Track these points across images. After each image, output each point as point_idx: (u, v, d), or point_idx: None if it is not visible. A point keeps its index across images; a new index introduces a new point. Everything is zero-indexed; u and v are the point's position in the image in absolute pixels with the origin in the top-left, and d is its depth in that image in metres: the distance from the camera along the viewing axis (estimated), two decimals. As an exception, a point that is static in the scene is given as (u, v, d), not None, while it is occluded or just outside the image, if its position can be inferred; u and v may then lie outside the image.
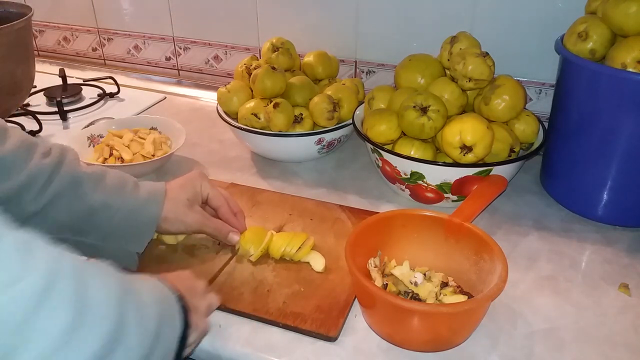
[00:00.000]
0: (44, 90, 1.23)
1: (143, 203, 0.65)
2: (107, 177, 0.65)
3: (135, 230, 0.64)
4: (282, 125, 0.87)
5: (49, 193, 0.60)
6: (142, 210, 0.64)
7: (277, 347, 0.59)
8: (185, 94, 1.26)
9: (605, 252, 0.74)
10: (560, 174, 0.82)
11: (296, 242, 0.70)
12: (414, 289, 0.61)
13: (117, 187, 0.64)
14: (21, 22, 0.94)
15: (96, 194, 0.62)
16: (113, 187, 0.64)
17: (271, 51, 0.97)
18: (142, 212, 0.64)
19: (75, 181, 0.62)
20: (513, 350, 0.59)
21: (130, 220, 0.64)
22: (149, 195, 0.66)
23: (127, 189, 0.65)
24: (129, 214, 0.63)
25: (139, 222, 0.64)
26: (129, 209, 0.64)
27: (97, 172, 0.64)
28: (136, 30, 1.33)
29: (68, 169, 0.62)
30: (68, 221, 0.61)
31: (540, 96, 0.99)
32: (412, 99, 0.78)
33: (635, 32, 0.70)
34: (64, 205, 0.61)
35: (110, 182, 0.64)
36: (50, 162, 0.61)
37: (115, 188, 0.64)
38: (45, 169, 0.60)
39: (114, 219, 0.63)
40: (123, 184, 0.65)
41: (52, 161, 0.61)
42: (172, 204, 0.66)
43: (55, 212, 0.60)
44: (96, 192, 0.62)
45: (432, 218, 0.66)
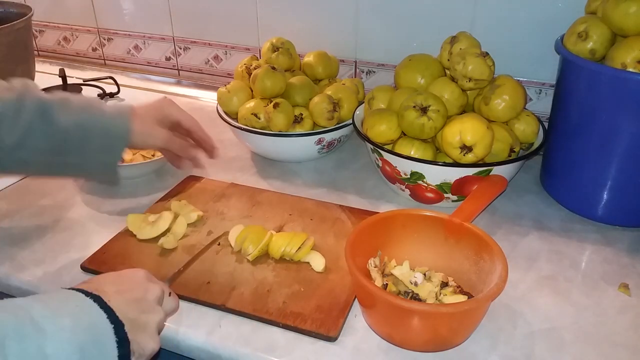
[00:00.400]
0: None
1: (112, 118, 0.68)
2: (72, 99, 0.68)
3: (108, 143, 0.67)
4: (282, 125, 0.87)
5: (22, 124, 0.62)
6: (112, 125, 0.67)
7: (277, 347, 0.59)
8: (185, 94, 1.26)
9: (605, 252, 0.74)
10: (560, 174, 0.82)
11: (296, 242, 0.70)
12: (414, 289, 0.61)
13: (84, 107, 0.67)
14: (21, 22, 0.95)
15: (65, 116, 0.65)
16: (80, 108, 0.67)
17: (271, 51, 0.97)
18: (113, 126, 0.67)
19: (43, 108, 0.64)
20: (513, 350, 0.59)
21: (103, 135, 0.67)
22: (117, 111, 0.69)
23: (94, 107, 0.68)
24: (101, 130, 0.66)
25: (111, 135, 0.67)
26: (100, 125, 0.67)
27: (63, 97, 0.67)
28: (136, 30, 1.33)
29: (33, 99, 0.64)
30: (46, 146, 0.64)
31: (540, 96, 0.99)
32: (412, 99, 0.78)
33: (635, 32, 0.70)
34: (38, 132, 0.63)
35: (76, 104, 0.67)
36: (14, 96, 0.63)
37: (83, 108, 0.67)
38: (12, 103, 0.63)
39: (88, 136, 0.66)
40: (89, 104, 0.68)
41: (15, 94, 0.64)
42: (140, 119, 0.70)
43: (32, 140, 0.63)
44: (65, 115, 0.65)
45: (432, 218, 0.66)
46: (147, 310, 0.51)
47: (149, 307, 0.52)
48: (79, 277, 0.69)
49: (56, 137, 0.64)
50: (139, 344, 0.48)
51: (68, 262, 0.71)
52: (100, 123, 0.67)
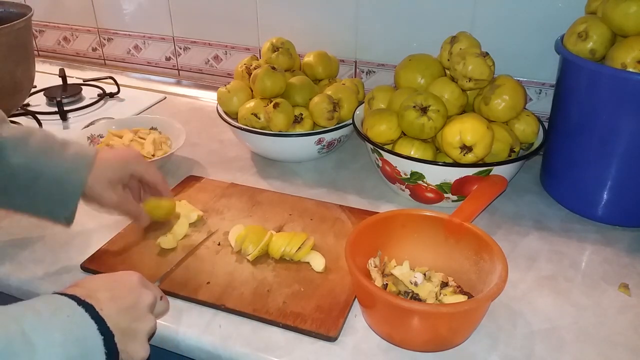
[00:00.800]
0: (44, 90, 1.24)
1: (67, 172, 0.64)
2: (30, 138, 0.64)
3: (60, 196, 0.64)
4: (282, 125, 0.87)
5: None
6: (65, 179, 0.63)
7: (277, 347, 0.59)
8: (185, 94, 1.26)
9: (605, 252, 0.74)
10: (560, 174, 0.82)
11: (296, 242, 0.70)
12: (414, 289, 0.61)
13: (42, 150, 0.63)
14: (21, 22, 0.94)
15: (17, 157, 0.62)
16: (37, 150, 0.63)
17: (271, 51, 0.97)
18: (66, 180, 0.63)
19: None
20: (513, 350, 0.59)
21: (54, 187, 0.63)
22: (74, 163, 0.64)
23: (53, 152, 0.64)
24: (53, 180, 0.63)
25: (63, 190, 0.64)
26: (53, 175, 0.63)
27: (22, 133, 0.64)
28: (136, 30, 1.33)
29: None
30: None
31: (540, 96, 0.99)
32: (412, 99, 0.78)
33: (635, 32, 0.70)
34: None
35: (34, 144, 0.63)
36: None
37: (40, 150, 0.63)
38: None
39: (37, 183, 0.63)
40: (49, 147, 0.64)
41: None
42: (95, 179, 0.65)
43: None
44: (17, 155, 0.62)
45: (432, 218, 0.66)
46: (138, 318, 0.51)
47: (141, 315, 0.51)
48: (79, 277, 0.69)
49: (2, 175, 0.61)
50: (128, 353, 0.48)
51: (68, 262, 0.71)
52: (53, 171, 0.63)
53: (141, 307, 0.52)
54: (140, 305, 0.52)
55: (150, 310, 0.53)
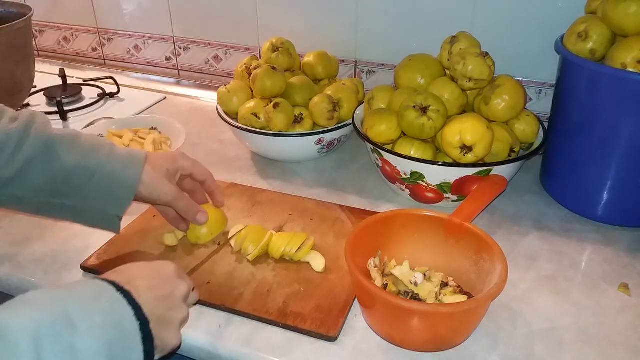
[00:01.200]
0: (44, 90, 1.23)
1: (122, 165, 0.64)
2: (81, 138, 0.64)
3: (114, 192, 0.63)
4: (282, 125, 0.87)
5: (21, 158, 0.59)
6: (120, 173, 0.63)
7: (277, 347, 0.59)
8: (185, 94, 1.26)
9: (605, 252, 0.74)
10: (560, 174, 0.82)
11: (296, 242, 0.70)
12: (414, 289, 0.61)
13: (93, 149, 0.63)
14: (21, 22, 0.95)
15: (70, 156, 0.62)
16: (88, 149, 0.63)
17: (271, 51, 0.97)
18: (121, 174, 0.63)
19: (47, 144, 0.61)
20: (513, 350, 0.59)
21: (109, 183, 0.63)
22: (128, 157, 0.65)
23: (102, 150, 0.64)
24: (107, 176, 0.63)
25: (118, 185, 0.63)
26: (107, 171, 0.63)
27: (71, 134, 0.64)
28: (136, 30, 1.33)
29: (38, 133, 0.61)
30: (45, 184, 0.61)
31: (540, 96, 0.99)
32: (412, 99, 0.78)
33: (635, 32, 0.70)
34: (39, 169, 0.60)
35: (85, 144, 0.63)
36: (19, 127, 0.60)
37: (91, 149, 0.63)
38: (14, 134, 0.60)
39: (92, 181, 0.62)
40: (99, 146, 0.64)
41: (20, 125, 0.60)
42: (152, 169, 0.65)
43: (30, 177, 0.60)
44: (70, 154, 0.62)
45: (432, 218, 0.66)
46: (173, 307, 0.52)
47: (176, 304, 0.53)
48: (79, 277, 0.69)
49: (57, 176, 0.61)
50: (163, 340, 0.49)
51: (68, 262, 0.71)
52: (108, 168, 0.63)
53: (176, 296, 0.53)
54: (176, 295, 0.53)
55: (184, 301, 0.55)
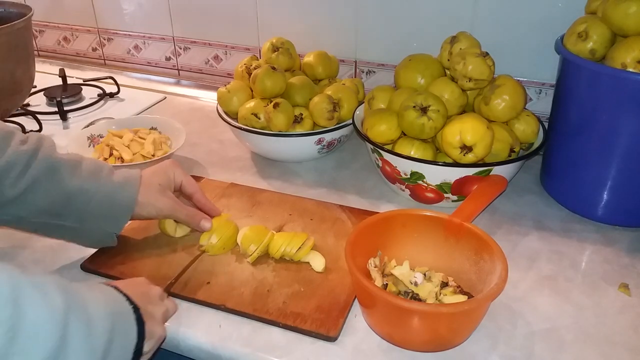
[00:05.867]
0: (44, 90, 1.23)
1: (119, 187, 0.67)
2: (83, 163, 0.67)
3: (112, 213, 0.67)
4: (282, 125, 0.87)
5: (27, 179, 0.61)
6: (118, 194, 0.66)
7: (277, 347, 0.59)
8: (185, 94, 1.26)
9: (605, 252, 0.74)
10: (560, 174, 0.82)
11: (296, 242, 0.70)
12: (414, 289, 0.61)
13: (93, 173, 0.66)
14: (21, 22, 0.94)
15: (73, 180, 0.64)
16: (89, 173, 0.66)
17: (271, 51, 0.97)
18: (118, 195, 0.66)
19: (53, 167, 0.63)
20: (513, 350, 0.59)
21: (107, 204, 0.66)
22: (124, 180, 0.68)
23: (102, 174, 0.67)
24: (105, 198, 0.66)
25: (115, 205, 0.66)
26: (105, 193, 0.66)
27: (74, 159, 0.66)
28: (136, 30, 1.33)
29: (45, 156, 0.63)
30: (46, 206, 0.63)
31: (540, 96, 0.99)
32: (412, 99, 0.78)
33: (635, 32, 0.70)
34: (42, 190, 0.62)
35: (86, 168, 0.66)
36: (28, 149, 0.62)
37: (92, 173, 0.66)
38: (23, 156, 0.62)
39: (91, 203, 0.65)
40: (99, 170, 0.67)
41: (29, 148, 0.63)
42: (145, 188, 0.68)
43: (33, 197, 0.62)
44: (73, 178, 0.64)
45: (432, 218, 0.66)
46: (152, 302, 0.56)
47: (154, 299, 0.57)
48: (79, 277, 0.69)
49: (59, 198, 0.63)
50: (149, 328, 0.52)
51: (68, 262, 0.71)
52: (105, 190, 0.66)
53: (152, 294, 0.58)
54: (152, 293, 0.58)
55: (161, 299, 0.59)
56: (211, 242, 0.71)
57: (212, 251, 0.71)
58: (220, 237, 0.71)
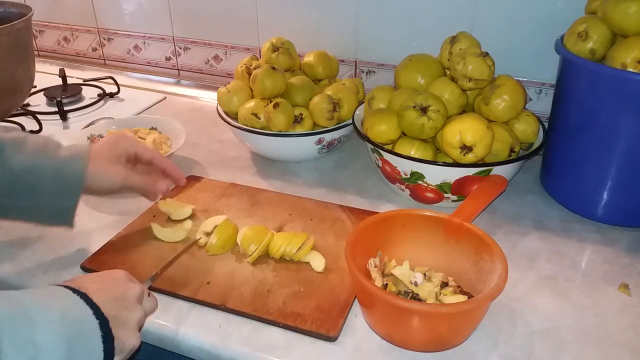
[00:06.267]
0: (44, 90, 1.24)
1: (67, 161, 0.66)
2: (27, 141, 0.65)
3: (63, 188, 0.65)
4: (282, 125, 0.87)
5: None
6: (66, 168, 0.65)
7: (277, 347, 0.59)
8: (185, 94, 1.26)
9: (605, 252, 0.74)
10: (560, 174, 0.82)
11: (296, 242, 0.70)
12: (414, 289, 0.61)
13: (39, 149, 0.65)
14: (21, 22, 0.94)
15: (17, 157, 0.63)
16: (34, 150, 0.65)
17: (271, 51, 0.97)
18: (67, 169, 0.65)
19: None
20: (513, 350, 0.59)
21: (56, 179, 0.65)
22: (72, 153, 0.67)
23: (49, 149, 0.66)
24: (54, 173, 0.64)
25: (65, 179, 0.65)
26: (54, 168, 0.64)
27: (18, 137, 0.65)
28: (136, 30, 1.33)
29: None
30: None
31: (540, 96, 0.99)
32: (412, 99, 0.78)
33: (635, 32, 0.70)
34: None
35: (31, 146, 0.65)
36: None
37: (37, 150, 0.65)
38: None
39: (40, 180, 0.64)
40: (45, 146, 0.66)
41: None
42: (95, 162, 0.67)
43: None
44: (17, 156, 0.63)
45: (432, 218, 0.66)
46: (127, 307, 0.52)
47: (130, 304, 0.53)
48: (79, 277, 0.69)
49: (7, 178, 0.62)
50: (120, 339, 0.49)
51: (68, 262, 0.71)
52: (53, 166, 0.64)
53: (129, 297, 0.54)
54: (129, 296, 0.54)
55: (139, 302, 0.55)
56: (211, 242, 0.71)
57: (212, 251, 0.71)
58: (220, 237, 0.71)
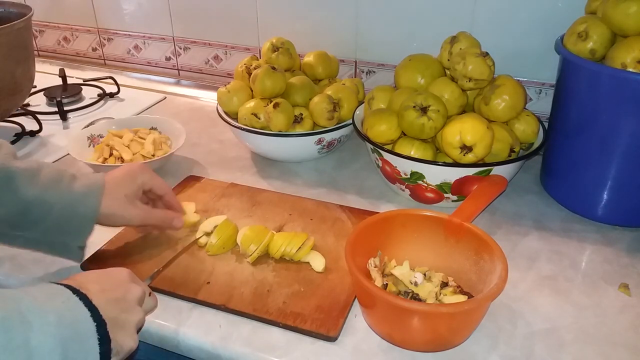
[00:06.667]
0: (44, 90, 1.24)
1: (80, 197, 0.64)
2: (42, 171, 0.64)
3: (74, 225, 0.64)
4: (282, 125, 0.87)
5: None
6: (79, 205, 0.64)
7: (277, 347, 0.59)
8: (185, 94, 1.26)
9: (605, 252, 0.74)
10: (560, 174, 0.82)
11: (296, 242, 0.70)
12: (414, 289, 0.61)
13: (53, 181, 0.63)
14: (21, 22, 0.94)
15: (30, 189, 0.62)
16: (48, 181, 0.63)
17: (271, 51, 0.97)
18: (80, 206, 0.64)
19: (8, 176, 0.61)
20: (513, 350, 0.59)
21: (67, 215, 0.63)
22: (86, 189, 0.65)
23: (63, 183, 0.64)
24: (66, 209, 0.63)
25: (77, 216, 0.64)
26: (65, 204, 0.63)
27: (32, 167, 0.64)
28: (136, 30, 1.33)
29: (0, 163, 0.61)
30: (3, 216, 0.61)
31: (540, 96, 0.99)
32: (412, 99, 0.78)
33: (635, 32, 0.70)
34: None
35: (45, 176, 0.63)
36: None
37: (51, 182, 0.63)
38: None
39: (51, 214, 0.62)
40: (59, 178, 0.64)
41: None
42: (110, 199, 0.66)
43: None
44: (30, 187, 0.62)
45: (432, 218, 0.66)
46: (127, 309, 0.52)
47: (129, 307, 0.53)
48: (79, 277, 0.69)
49: (15, 208, 0.61)
50: (118, 342, 0.49)
51: (68, 262, 0.71)
52: (66, 200, 0.63)
53: (130, 299, 0.53)
54: (129, 298, 0.53)
55: (139, 304, 0.55)
56: (211, 242, 0.71)
57: (212, 251, 0.71)
58: (220, 237, 0.71)
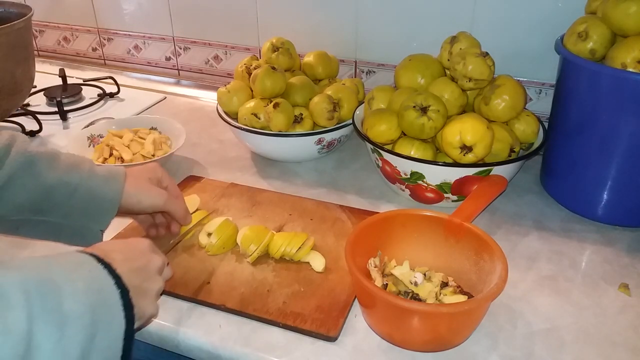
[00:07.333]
0: (44, 90, 1.24)
1: (103, 180, 0.64)
2: (62, 156, 0.65)
3: (97, 207, 0.64)
4: (282, 125, 0.87)
5: (2, 175, 0.60)
6: (103, 186, 0.64)
7: (277, 347, 0.59)
8: (185, 94, 1.26)
9: (605, 252, 0.74)
10: (560, 174, 0.82)
11: (296, 242, 0.70)
12: (414, 289, 0.61)
13: (73, 165, 0.64)
14: (21, 22, 0.94)
15: (51, 172, 0.62)
16: (69, 165, 0.64)
17: (271, 51, 0.97)
18: (104, 187, 0.64)
19: (28, 161, 0.61)
20: (513, 350, 0.59)
21: (91, 197, 0.64)
22: (108, 173, 0.66)
23: (84, 166, 0.65)
24: (89, 191, 0.63)
25: (100, 198, 0.64)
26: (89, 186, 0.63)
27: (51, 152, 0.64)
28: (136, 30, 1.33)
29: (19, 150, 0.62)
30: (26, 202, 0.61)
31: (540, 96, 0.99)
32: (412, 99, 0.78)
33: (635, 32, 0.70)
34: (19, 186, 0.61)
35: (65, 161, 0.64)
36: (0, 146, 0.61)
37: (71, 166, 0.64)
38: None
39: (74, 196, 0.63)
40: (79, 162, 0.65)
41: (1, 145, 0.61)
42: (134, 180, 0.67)
43: (11, 194, 0.61)
44: (51, 171, 0.62)
45: (432, 218, 0.66)
46: (148, 278, 0.54)
47: (150, 276, 0.55)
48: (79, 277, 0.69)
49: (39, 193, 0.61)
50: (140, 308, 0.51)
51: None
52: (89, 183, 0.63)
53: (151, 269, 0.56)
54: (150, 268, 0.56)
55: (159, 273, 0.57)
56: (211, 242, 0.71)
57: (212, 251, 0.71)
58: (220, 237, 0.71)
